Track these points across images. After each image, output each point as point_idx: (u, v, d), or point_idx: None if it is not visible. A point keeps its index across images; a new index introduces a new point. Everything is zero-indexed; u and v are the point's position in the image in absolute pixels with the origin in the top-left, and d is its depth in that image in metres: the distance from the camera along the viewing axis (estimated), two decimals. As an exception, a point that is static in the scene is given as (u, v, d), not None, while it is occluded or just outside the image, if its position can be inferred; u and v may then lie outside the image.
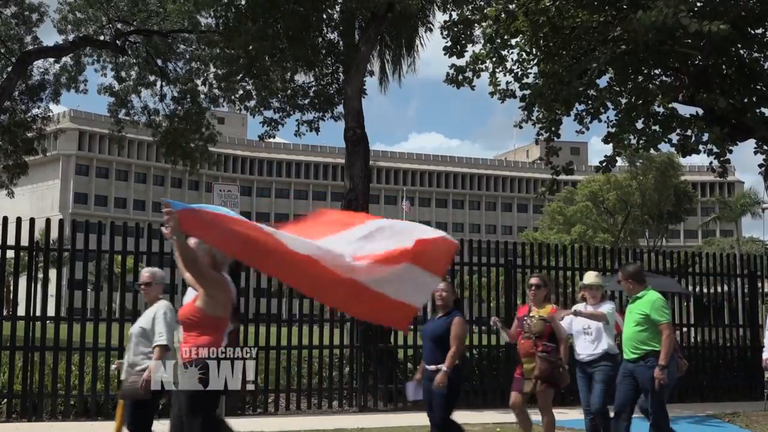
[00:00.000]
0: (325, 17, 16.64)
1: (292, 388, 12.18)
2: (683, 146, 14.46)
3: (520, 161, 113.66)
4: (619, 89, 15.14)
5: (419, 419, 9.14)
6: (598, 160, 16.48)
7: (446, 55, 15.32)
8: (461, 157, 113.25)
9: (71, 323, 11.47)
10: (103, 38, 20.35)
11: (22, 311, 11.19)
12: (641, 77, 15.18)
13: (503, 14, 14.43)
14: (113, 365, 8.12)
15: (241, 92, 18.88)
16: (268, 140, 20.33)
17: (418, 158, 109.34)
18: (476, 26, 15.48)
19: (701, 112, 14.51)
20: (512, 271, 13.58)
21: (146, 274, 6.91)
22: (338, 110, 17.34)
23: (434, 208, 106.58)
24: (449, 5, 15.84)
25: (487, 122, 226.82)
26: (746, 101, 14.34)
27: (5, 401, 10.77)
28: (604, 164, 14.70)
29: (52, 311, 11.38)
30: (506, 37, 14.76)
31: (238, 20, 15.47)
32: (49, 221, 12.38)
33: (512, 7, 14.44)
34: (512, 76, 15.28)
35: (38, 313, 11.11)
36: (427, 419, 7.76)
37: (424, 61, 40.34)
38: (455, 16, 15.62)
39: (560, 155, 16.41)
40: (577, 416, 9.54)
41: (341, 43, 16.97)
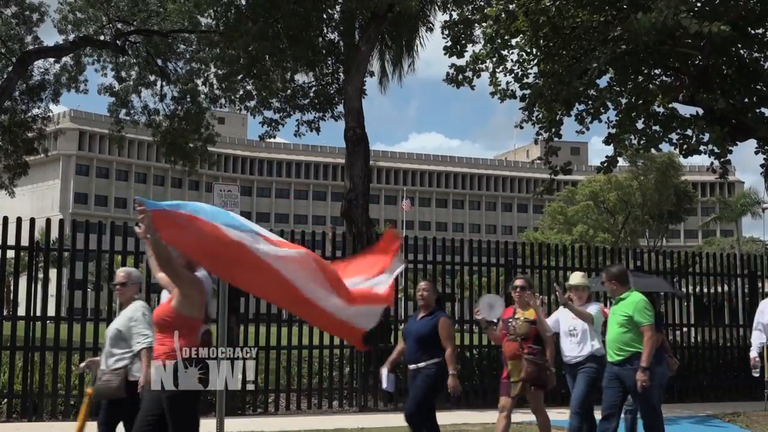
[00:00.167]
0: (325, 17, 16.67)
1: (292, 388, 12.19)
2: (683, 146, 14.45)
3: (520, 161, 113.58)
4: (619, 89, 15.15)
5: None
6: (598, 160, 16.53)
7: (446, 55, 15.34)
8: (461, 157, 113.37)
9: (71, 323, 11.48)
10: (103, 38, 20.31)
11: (22, 311, 11.20)
12: (641, 77, 15.19)
13: (503, 14, 14.45)
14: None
15: (241, 92, 18.89)
16: (268, 140, 20.31)
17: (418, 158, 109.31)
18: (476, 26, 15.50)
19: (701, 112, 14.51)
20: (512, 271, 13.56)
21: (121, 274, 6.76)
22: (338, 110, 17.36)
23: (434, 208, 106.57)
24: (449, 5, 15.87)
25: (487, 122, 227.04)
26: (746, 101, 14.36)
27: (5, 401, 10.78)
28: (605, 165, 14.69)
29: (52, 311, 11.40)
30: (506, 37, 14.77)
31: (238, 20, 15.49)
32: (49, 221, 12.39)
33: (512, 7, 14.46)
34: (512, 76, 15.32)
35: (38, 313, 11.13)
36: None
37: (424, 61, 40.50)
38: (455, 16, 15.65)
39: (560, 155, 16.42)
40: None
41: (341, 43, 16.98)
